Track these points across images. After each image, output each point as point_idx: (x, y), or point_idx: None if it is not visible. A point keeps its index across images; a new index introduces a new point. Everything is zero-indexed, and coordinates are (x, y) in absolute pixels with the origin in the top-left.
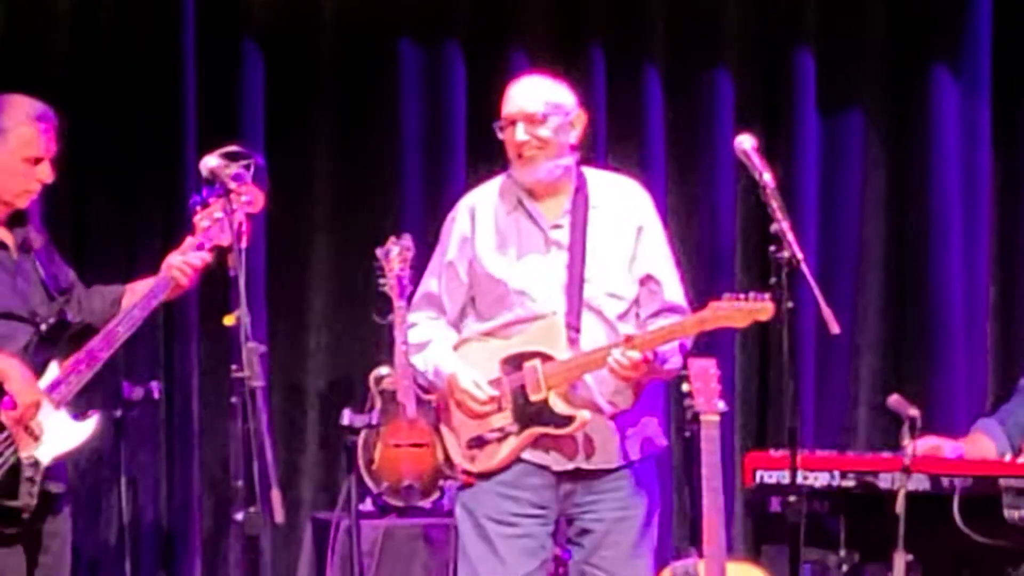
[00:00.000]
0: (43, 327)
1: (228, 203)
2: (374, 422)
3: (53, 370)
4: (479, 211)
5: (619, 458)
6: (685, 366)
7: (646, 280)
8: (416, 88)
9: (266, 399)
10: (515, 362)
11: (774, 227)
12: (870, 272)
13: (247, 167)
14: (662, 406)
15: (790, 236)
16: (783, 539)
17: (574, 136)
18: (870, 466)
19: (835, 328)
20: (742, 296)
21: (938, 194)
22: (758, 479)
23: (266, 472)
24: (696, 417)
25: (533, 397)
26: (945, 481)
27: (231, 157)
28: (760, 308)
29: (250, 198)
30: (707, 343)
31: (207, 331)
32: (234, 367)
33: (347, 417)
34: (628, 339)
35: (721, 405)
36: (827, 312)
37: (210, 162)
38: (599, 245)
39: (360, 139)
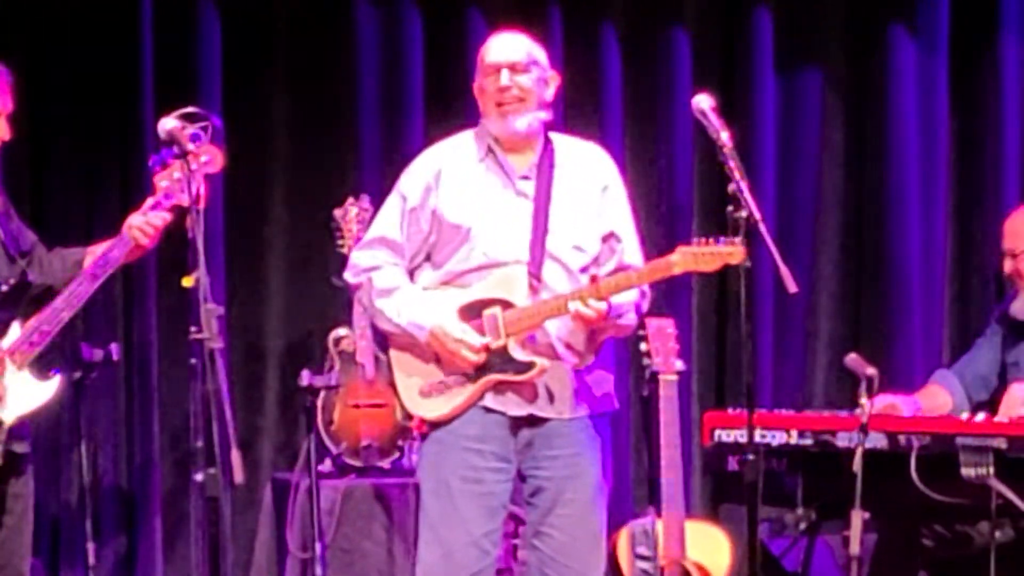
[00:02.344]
0: (4, 288)
1: (186, 164)
2: (333, 383)
3: (15, 330)
4: (446, 161)
5: (574, 410)
6: (643, 326)
7: (608, 237)
8: (373, 49)
9: (225, 360)
10: (474, 310)
11: (732, 187)
12: (828, 231)
13: (204, 128)
14: (614, 367)
15: (748, 196)
16: (741, 498)
17: (548, 94)
18: (828, 425)
19: (792, 287)
20: (711, 240)
21: (896, 153)
22: (716, 438)
23: (226, 433)
24: (654, 377)
25: (492, 344)
26: (902, 439)
27: (189, 118)
28: (731, 251)
29: (209, 158)
30: (665, 303)
31: (166, 293)
32: (193, 328)
33: (306, 378)
34: (594, 279)
35: (679, 365)
36: (784, 271)
37: (168, 124)
38: (565, 199)
39: (317, 100)
